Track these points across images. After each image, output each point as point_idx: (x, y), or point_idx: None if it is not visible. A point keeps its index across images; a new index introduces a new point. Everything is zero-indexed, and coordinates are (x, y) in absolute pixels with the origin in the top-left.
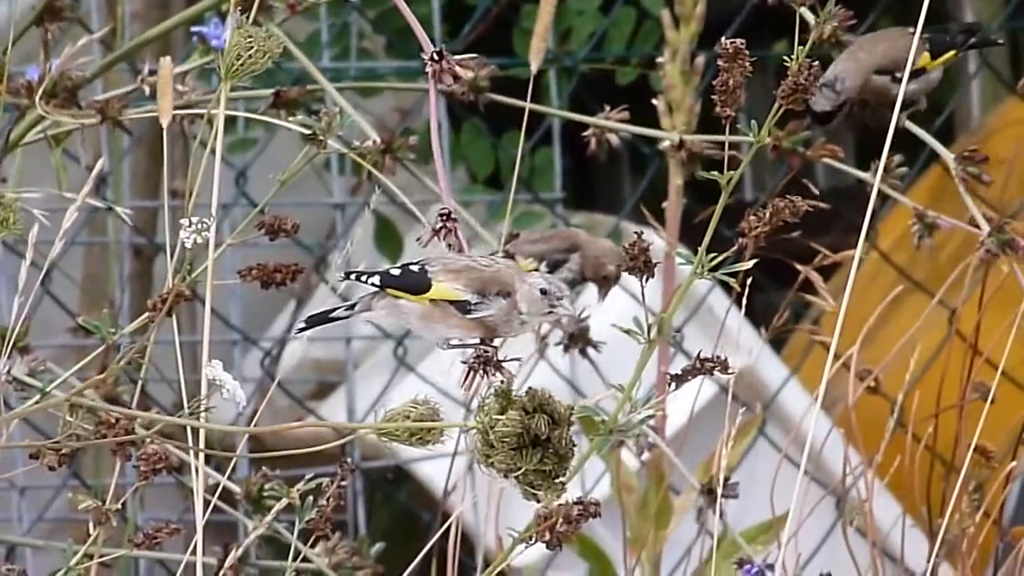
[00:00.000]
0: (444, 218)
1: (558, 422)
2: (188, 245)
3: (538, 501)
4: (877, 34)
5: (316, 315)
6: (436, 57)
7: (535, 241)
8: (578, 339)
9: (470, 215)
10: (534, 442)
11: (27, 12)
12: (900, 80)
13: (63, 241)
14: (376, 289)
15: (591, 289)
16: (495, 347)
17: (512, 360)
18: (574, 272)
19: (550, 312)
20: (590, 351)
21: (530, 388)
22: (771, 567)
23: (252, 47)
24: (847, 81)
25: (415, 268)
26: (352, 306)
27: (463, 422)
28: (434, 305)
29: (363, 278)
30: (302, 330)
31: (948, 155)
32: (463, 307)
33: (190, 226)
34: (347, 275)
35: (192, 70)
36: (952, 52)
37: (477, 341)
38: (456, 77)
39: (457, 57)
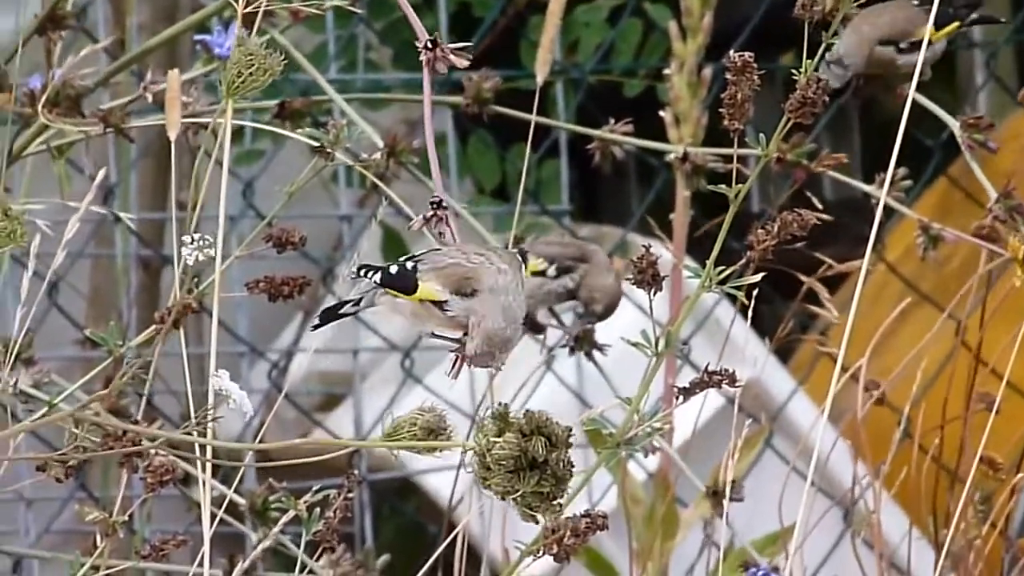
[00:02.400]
0: (435, 206)
1: (556, 444)
2: (190, 262)
3: (536, 523)
4: (878, 6)
5: (327, 310)
6: (430, 45)
7: (552, 243)
8: (584, 342)
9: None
10: (531, 464)
11: (33, 23)
12: (904, 51)
13: (69, 253)
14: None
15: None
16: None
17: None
18: (573, 283)
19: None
20: (597, 361)
21: (527, 410)
22: (776, 569)
23: (253, 64)
24: (852, 55)
25: (409, 266)
26: (359, 301)
27: (463, 442)
28: (421, 304)
29: (368, 274)
30: (316, 327)
31: (954, 123)
32: (441, 306)
33: (192, 243)
34: (356, 271)
35: (197, 80)
36: (955, 24)
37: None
38: (450, 64)
39: (451, 46)
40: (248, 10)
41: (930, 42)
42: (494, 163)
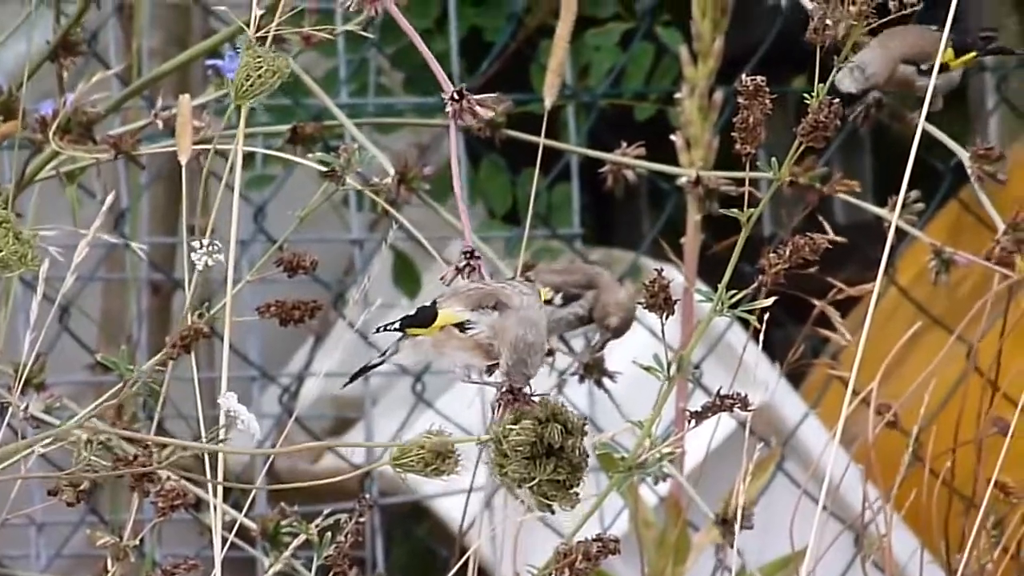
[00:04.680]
0: (468, 256)
1: (571, 431)
2: (200, 267)
3: (552, 512)
4: (903, 28)
5: (359, 370)
6: (456, 96)
7: (557, 272)
8: (593, 369)
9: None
10: (548, 452)
11: (44, 50)
12: (924, 72)
13: (80, 278)
14: (400, 333)
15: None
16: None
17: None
18: (584, 310)
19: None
20: (609, 385)
21: (542, 396)
22: None
23: (261, 67)
24: (876, 66)
25: (429, 304)
26: (384, 352)
27: (478, 441)
28: (442, 331)
29: (389, 327)
30: (346, 384)
31: (963, 153)
32: (463, 327)
33: (201, 248)
34: (378, 329)
35: (209, 106)
36: (972, 54)
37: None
38: (475, 115)
39: (477, 97)
40: (259, 35)
41: (946, 68)
42: (505, 188)
